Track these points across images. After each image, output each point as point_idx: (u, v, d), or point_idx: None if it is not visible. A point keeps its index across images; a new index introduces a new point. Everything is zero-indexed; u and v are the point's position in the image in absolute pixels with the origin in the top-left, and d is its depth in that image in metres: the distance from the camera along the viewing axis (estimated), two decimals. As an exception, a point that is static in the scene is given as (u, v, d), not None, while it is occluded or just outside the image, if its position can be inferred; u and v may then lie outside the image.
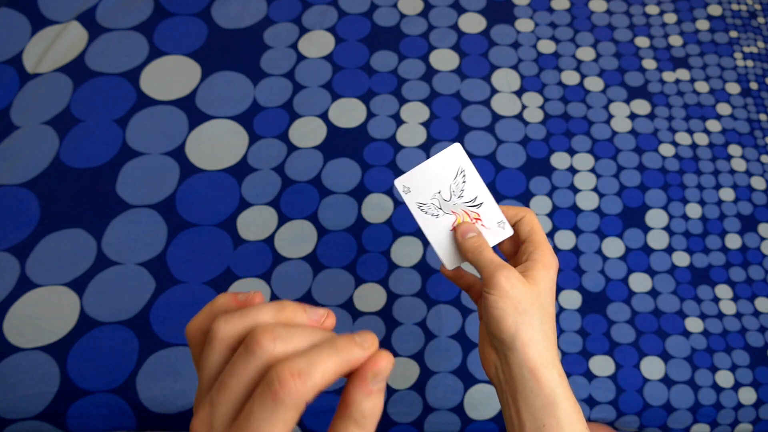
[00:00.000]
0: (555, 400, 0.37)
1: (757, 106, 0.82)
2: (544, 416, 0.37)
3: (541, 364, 0.38)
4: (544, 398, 0.37)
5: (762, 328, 0.69)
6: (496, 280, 0.39)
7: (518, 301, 0.39)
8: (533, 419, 0.37)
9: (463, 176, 0.45)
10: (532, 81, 0.80)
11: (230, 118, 0.74)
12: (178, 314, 0.63)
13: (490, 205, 0.45)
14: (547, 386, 0.37)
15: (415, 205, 0.44)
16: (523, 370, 0.38)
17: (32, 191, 0.68)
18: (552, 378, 0.37)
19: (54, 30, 0.77)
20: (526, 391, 0.37)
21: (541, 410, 0.37)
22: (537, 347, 0.38)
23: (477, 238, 0.43)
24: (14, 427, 0.58)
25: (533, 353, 0.38)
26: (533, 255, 0.42)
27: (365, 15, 0.82)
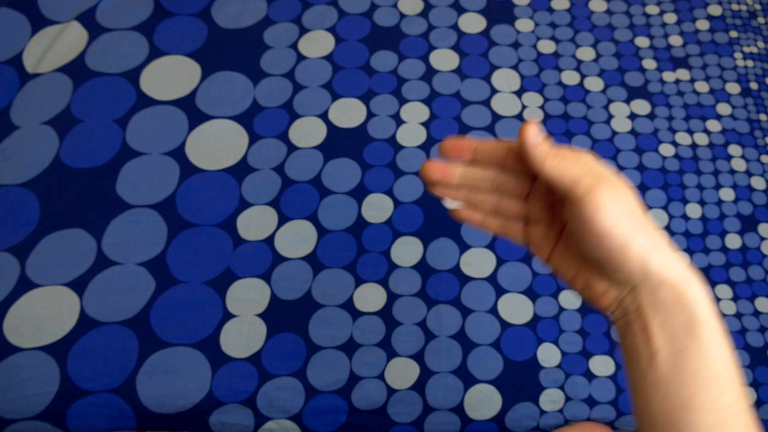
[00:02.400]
0: (700, 320, 0.31)
1: (757, 106, 0.82)
2: (686, 338, 0.31)
3: (683, 278, 0.32)
4: (687, 317, 0.31)
5: (762, 328, 0.69)
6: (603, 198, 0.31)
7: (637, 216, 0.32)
8: (671, 343, 0.31)
9: None
10: (532, 81, 0.80)
11: (230, 118, 0.74)
12: (178, 314, 0.63)
13: None
14: (691, 304, 0.31)
15: None
16: (662, 292, 0.32)
17: (32, 191, 0.68)
18: (696, 294, 0.31)
19: (54, 30, 0.77)
20: (665, 314, 0.31)
21: (683, 332, 0.31)
22: (674, 264, 0.32)
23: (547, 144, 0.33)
24: (14, 427, 0.58)
25: (672, 268, 0.32)
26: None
27: (365, 15, 0.82)
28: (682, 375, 0.31)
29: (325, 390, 0.62)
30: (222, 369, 0.62)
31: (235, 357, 0.62)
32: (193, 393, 0.60)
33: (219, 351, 0.62)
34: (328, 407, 0.61)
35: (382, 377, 0.63)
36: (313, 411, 0.61)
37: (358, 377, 0.63)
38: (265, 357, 0.62)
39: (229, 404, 0.60)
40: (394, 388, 0.63)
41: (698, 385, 0.31)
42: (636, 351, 0.33)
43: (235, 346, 0.63)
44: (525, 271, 0.69)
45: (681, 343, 0.31)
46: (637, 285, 0.32)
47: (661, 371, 0.31)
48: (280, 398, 0.61)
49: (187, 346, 0.62)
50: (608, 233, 0.31)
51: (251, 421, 0.61)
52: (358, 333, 0.64)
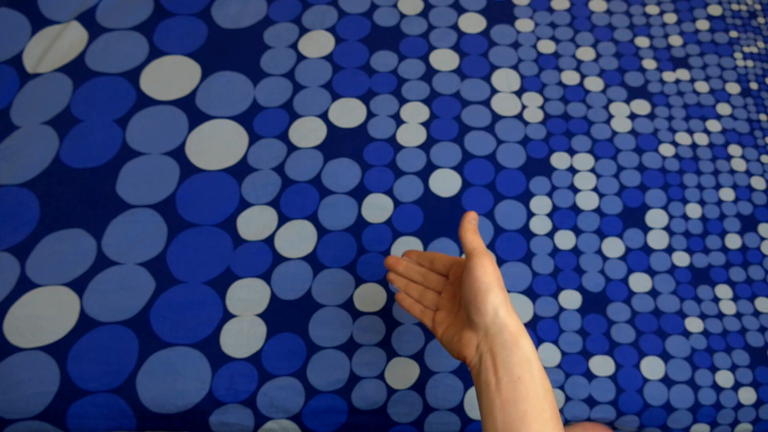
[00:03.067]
0: (530, 359, 0.44)
1: (757, 106, 0.82)
2: (521, 370, 0.44)
3: (519, 330, 0.45)
4: (521, 356, 0.44)
5: (762, 328, 0.69)
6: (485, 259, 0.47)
7: (499, 280, 0.47)
8: (510, 373, 0.44)
9: None
10: (532, 81, 0.80)
11: (230, 118, 0.74)
12: (178, 314, 0.63)
13: None
14: (524, 347, 0.45)
15: None
16: (504, 335, 0.45)
17: (32, 191, 0.68)
18: (527, 342, 0.45)
19: (54, 30, 0.77)
20: (506, 351, 0.44)
21: (518, 366, 0.44)
22: (514, 318, 0.46)
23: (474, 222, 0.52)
24: (14, 427, 0.58)
25: (512, 322, 0.46)
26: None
27: (365, 15, 0.82)
28: (518, 396, 0.43)
29: (325, 390, 0.62)
30: (222, 369, 0.62)
31: (235, 357, 0.62)
32: (193, 393, 0.60)
33: (219, 351, 0.62)
34: (328, 407, 0.61)
35: (382, 377, 0.63)
36: (313, 411, 0.61)
37: (358, 377, 0.63)
38: (265, 357, 0.63)
39: (229, 404, 0.60)
40: (394, 388, 0.63)
41: (529, 404, 0.43)
42: (487, 381, 0.44)
43: (235, 346, 0.63)
44: (525, 271, 0.69)
45: (516, 374, 0.44)
46: (488, 328, 0.46)
47: (504, 395, 0.43)
48: (280, 398, 0.61)
49: (187, 346, 0.62)
50: (479, 279, 0.46)
51: (251, 421, 0.61)
52: (358, 333, 0.64)
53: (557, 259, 0.70)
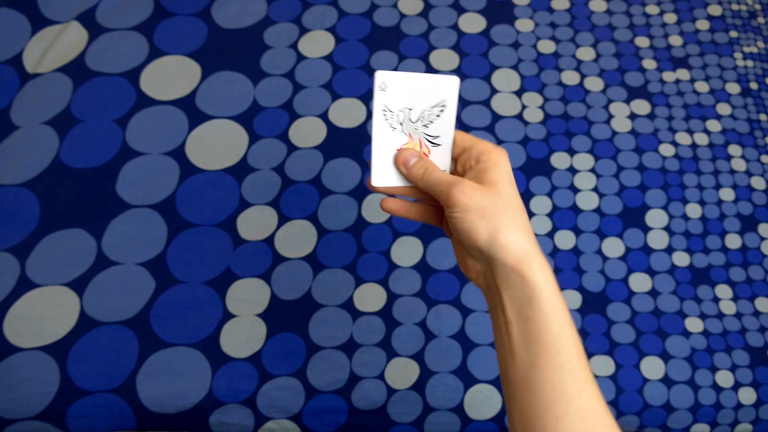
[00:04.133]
0: (538, 292, 0.37)
1: (757, 106, 0.82)
2: (529, 309, 0.37)
3: (522, 258, 0.38)
4: (529, 291, 0.37)
5: (762, 328, 0.69)
6: (453, 198, 0.39)
7: (483, 209, 0.39)
8: (518, 313, 0.38)
9: (441, 109, 0.42)
10: (532, 81, 0.80)
11: (230, 118, 0.74)
12: (178, 314, 0.63)
13: (446, 150, 0.43)
14: (530, 279, 0.37)
15: (381, 107, 0.41)
16: (506, 269, 0.38)
17: (32, 191, 0.68)
18: (534, 271, 0.38)
19: (54, 30, 0.77)
20: (511, 288, 0.38)
21: (526, 303, 0.37)
22: (516, 243, 0.38)
23: (421, 162, 0.42)
24: (14, 427, 0.58)
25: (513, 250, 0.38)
26: (481, 157, 0.41)
27: (365, 15, 0.82)
28: (528, 339, 0.37)
29: (325, 390, 0.62)
30: (222, 369, 0.62)
31: (235, 357, 0.62)
32: (193, 393, 0.60)
33: (219, 351, 0.62)
34: (328, 407, 0.61)
35: (382, 377, 0.63)
36: (313, 411, 0.61)
37: (358, 377, 0.63)
38: (265, 357, 0.62)
39: (229, 404, 0.60)
40: (394, 388, 0.63)
41: (540, 346, 0.36)
42: (498, 321, 0.39)
43: (235, 346, 0.63)
44: (525, 271, 0.69)
45: (525, 313, 0.37)
46: (489, 261, 0.39)
47: (513, 338, 0.38)
48: (280, 398, 0.61)
49: (187, 346, 0.62)
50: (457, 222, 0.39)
51: (251, 421, 0.61)
52: (358, 333, 0.64)
53: (557, 259, 0.70)
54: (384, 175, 0.42)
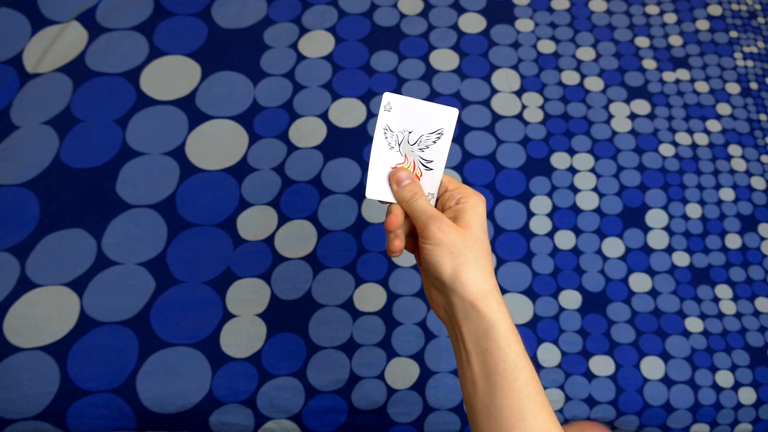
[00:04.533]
0: (494, 326, 0.40)
1: (757, 106, 0.82)
2: (486, 341, 0.40)
3: (480, 296, 0.41)
4: (485, 325, 0.40)
5: (762, 328, 0.69)
6: (429, 231, 0.42)
7: (453, 246, 0.41)
8: (477, 345, 0.41)
9: (438, 137, 0.45)
10: (532, 81, 0.80)
11: (230, 118, 0.74)
12: (178, 314, 0.63)
13: (436, 175, 0.46)
14: (487, 314, 0.40)
15: (383, 125, 0.44)
16: (464, 304, 0.41)
17: (32, 191, 0.68)
18: (491, 306, 0.41)
19: (54, 30, 0.77)
20: (470, 323, 0.41)
21: (483, 336, 0.40)
22: (475, 282, 0.41)
23: (412, 186, 0.45)
24: (14, 427, 0.58)
25: (472, 289, 0.41)
26: (461, 199, 0.44)
27: (365, 15, 0.82)
28: (487, 369, 0.40)
29: (325, 390, 0.62)
30: (222, 369, 0.62)
31: (235, 357, 0.62)
32: (193, 393, 0.60)
33: (219, 351, 0.62)
34: (328, 407, 0.61)
35: (382, 377, 0.63)
36: (313, 411, 0.61)
37: (358, 377, 0.63)
38: (265, 357, 0.63)
39: (229, 404, 0.60)
40: (394, 388, 0.63)
41: (498, 375, 0.40)
42: (459, 353, 0.42)
43: (235, 346, 0.63)
44: (525, 271, 0.69)
45: (483, 345, 0.40)
46: (449, 295, 0.42)
47: (474, 368, 0.41)
48: (280, 398, 0.61)
49: (187, 346, 0.62)
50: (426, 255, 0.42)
51: (251, 421, 0.61)
52: (358, 333, 0.64)
53: (557, 259, 0.70)
54: (377, 189, 0.46)
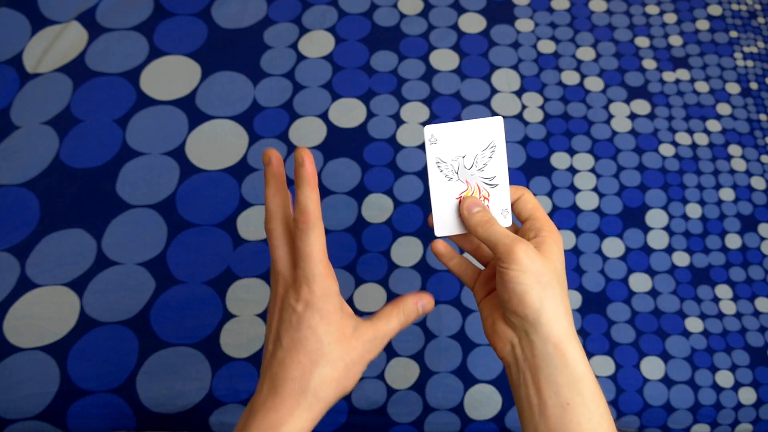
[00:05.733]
0: (580, 377, 0.36)
1: (757, 106, 0.82)
2: (570, 393, 0.36)
3: (566, 339, 0.37)
4: (570, 375, 0.36)
5: (762, 328, 0.69)
6: (515, 255, 0.37)
7: (540, 275, 0.37)
8: (557, 396, 0.36)
9: (492, 150, 0.43)
10: (532, 81, 0.80)
11: (230, 118, 0.74)
12: (178, 314, 0.63)
13: (503, 190, 0.43)
14: (573, 362, 0.36)
15: (434, 159, 0.42)
16: (547, 346, 0.36)
17: (32, 191, 0.68)
18: (577, 354, 0.37)
19: (54, 30, 0.77)
20: (551, 368, 0.36)
21: (566, 387, 0.36)
22: (561, 322, 0.37)
23: (484, 212, 0.42)
24: (14, 427, 0.58)
25: (558, 328, 0.37)
26: (541, 231, 0.40)
27: (365, 15, 0.82)
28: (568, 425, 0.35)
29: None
30: (222, 369, 0.62)
31: (235, 357, 0.62)
32: (193, 393, 0.60)
33: (219, 351, 0.62)
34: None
35: (382, 377, 0.63)
36: (313, 411, 0.61)
37: (358, 377, 0.63)
38: (265, 357, 0.62)
39: (229, 404, 0.60)
40: (394, 388, 0.63)
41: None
42: (529, 401, 0.37)
43: (235, 346, 0.63)
44: (525, 271, 0.69)
45: (564, 398, 0.36)
46: (528, 332, 0.37)
47: (551, 422, 0.36)
48: (280, 398, 0.61)
49: (187, 346, 0.62)
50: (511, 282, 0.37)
51: (251, 421, 0.60)
52: (358, 333, 0.64)
53: (557, 259, 0.70)
54: (446, 225, 0.43)
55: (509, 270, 0.37)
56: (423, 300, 0.41)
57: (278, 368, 0.36)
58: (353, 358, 0.37)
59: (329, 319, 0.36)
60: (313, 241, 0.37)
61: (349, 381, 0.38)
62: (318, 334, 0.36)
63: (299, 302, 0.36)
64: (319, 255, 0.37)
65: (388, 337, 0.39)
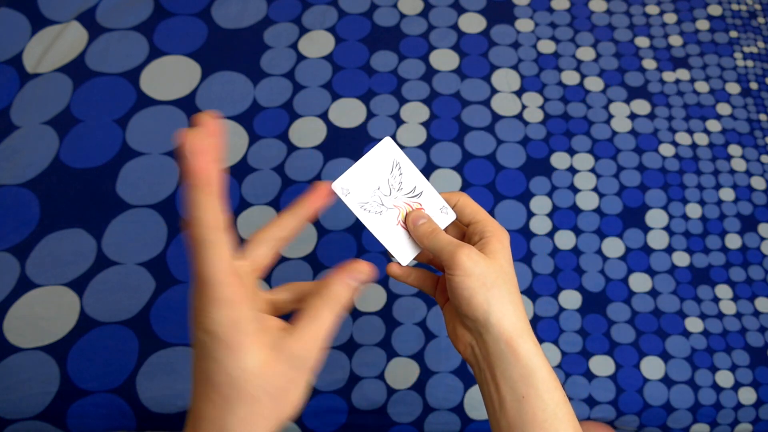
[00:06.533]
0: (533, 370, 0.37)
1: (757, 106, 0.82)
2: (523, 387, 0.37)
3: (516, 335, 0.38)
4: (522, 368, 0.37)
5: (762, 328, 0.69)
6: (458, 260, 0.38)
7: (484, 277, 0.38)
8: (512, 391, 0.37)
9: (399, 169, 0.44)
10: (532, 81, 0.80)
11: (230, 118, 0.74)
12: (178, 314, 0.63)
13: (429, 192, 0.44)
14: (524, 356, 0.37)
15: (358, 206, 0.43)
16: (499, 344, 0.38)
17: (32, 191, 0.68)
18: (528, 348, 0.38)
19: (54, 30, 0.77)
20: (505, 365, 0.38)
21: (520, 381, 0.37)
22: (510, 319, 0.38)
23: (429, 223, 0.43)
24: (14, 427, 0.58)
25: (507, 325, 0.38)
26: (485, 233, 0.41)
27: (365, 15, 0.82)
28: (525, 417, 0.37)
29: (325, 390, 0.62)
30: (222, 369, 0.62)
31: (235, 357, 0.62)
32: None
33: (219, 351, 0.62)
34: (328, 407, 0.61)
35: (382, 377, 0.63)
36: (313, 411, 0.61)
37: (358, 377, 0.63)
38: (265, 357, 0.62)
39: (229, 404, 0.60)
40: (394, 388, 0.63)
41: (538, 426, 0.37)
42: (491, 397, 0.38)
43: (235, 346, 0.63)
44: (525, 271, 0.69)
45: (519, 392, 0.37)
46: (481, 333, 0.38)
47: (510, 416, 0.37)
48: (280, 398, 0.61)
49: (187, 346, 0.62)
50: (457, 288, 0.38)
51: (251, 421, 0.60)
52: (358, 333, 0.64)
53: (557, 259, 0.70)
54: (405, 252, 0.44)
55: (455, 276, 0.38)
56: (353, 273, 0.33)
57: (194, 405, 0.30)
58: (279, 384, 0.30)
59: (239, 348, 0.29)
60: (212, 262, 0.29)
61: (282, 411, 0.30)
62: (226, 368, 0.29)
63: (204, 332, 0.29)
64: (220, 277, 0.29)
65: (322, 337, 0.32)
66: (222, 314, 0.29)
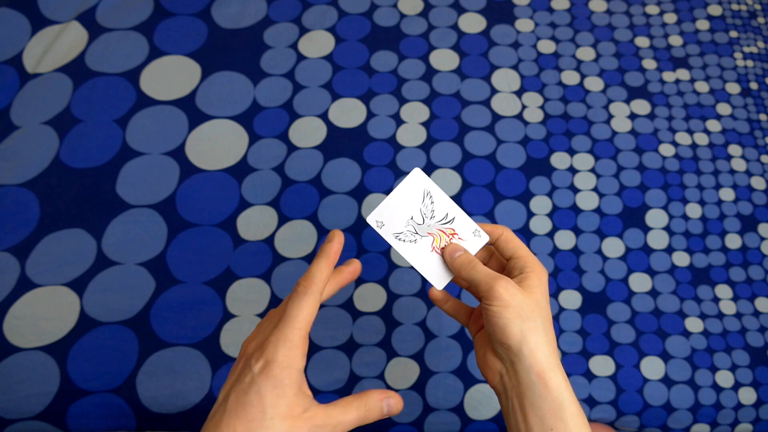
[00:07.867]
0: (563, 404, 0.38)
1: (757, 106, 0.82)
2: (552, 419, 0.38)
3: (548, 368, 0.39)
4: (552, 402, 0.38)
5: (762, 328, 0.69)
6: (496, 291, 0.40)
7: (521, 309, 0.40)
8: (541, 422, 0.38)
9: (430, 198, 0.46)
10: (532, 81, 0.80)
11: (230, 118, 0.74)
12: (178, 314, 0.63)
13: (461, 218, 0.46)
14: (555, 390, 0.38)
15: (392, 237, 0.46)
16: (530, 375, 0.39)
17: (32, 191, 0.68)
18: (559, 382, 0.39)
19: (54, 30, 0.77)
20: (534, 396, 0.38)
21: (549, 414, 0.38)
22: (543, 352, 0.39)
23: (466, 254, 0.45)
24: (14, 427, 0.58)
25: (540, 358, 0.39)
26: (525, 268, 0.43)
27: (365, 15, 0.82)
28: None
29: (325, 390, 0.62)
30: (222, 369, 0.62)
31: (236, 357, 0.62)
32: (193, 393, 0.60)
33: (219, 351, 0.62)
34: (328, 407, 0.61)
35: (382, 377, 0.63)
36: (313, 411, 0.61)
37: (358, 377, 0.63)
38: (265, 357, 0.62)
39: (229, 404, 0.60)
40: (394, 388, 0.63)
41: None
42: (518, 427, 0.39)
43: (235, 346, 0.63)
44: (525, 271, 0.69)
45: (548, 423, 0.38)
46: (513, 362, 0.40)
47: None
48: (280, 398, 0.61)
49: (187, 346, 0.62)
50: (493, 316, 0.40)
51: (251, 421, 0.60)
52: (358, 333, 0.64)
53: (557, 259, 0.70)
54: (441, 277, 0.46)
55: (491, 306, 0.40)
56: (391, 399, 0.39)
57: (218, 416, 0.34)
58: None
59: (281, 391, 0.34)
60: (302, 306, 0.37)
61: None
62: (263, 404, 0.34)
63: (259, 361, 0.35)
64: (302, 322, 0.36)
65: (342, 427, 0.36)
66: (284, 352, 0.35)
